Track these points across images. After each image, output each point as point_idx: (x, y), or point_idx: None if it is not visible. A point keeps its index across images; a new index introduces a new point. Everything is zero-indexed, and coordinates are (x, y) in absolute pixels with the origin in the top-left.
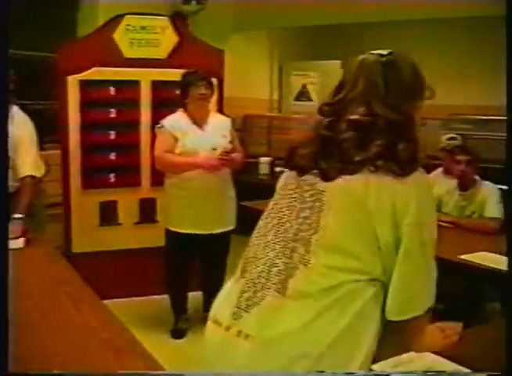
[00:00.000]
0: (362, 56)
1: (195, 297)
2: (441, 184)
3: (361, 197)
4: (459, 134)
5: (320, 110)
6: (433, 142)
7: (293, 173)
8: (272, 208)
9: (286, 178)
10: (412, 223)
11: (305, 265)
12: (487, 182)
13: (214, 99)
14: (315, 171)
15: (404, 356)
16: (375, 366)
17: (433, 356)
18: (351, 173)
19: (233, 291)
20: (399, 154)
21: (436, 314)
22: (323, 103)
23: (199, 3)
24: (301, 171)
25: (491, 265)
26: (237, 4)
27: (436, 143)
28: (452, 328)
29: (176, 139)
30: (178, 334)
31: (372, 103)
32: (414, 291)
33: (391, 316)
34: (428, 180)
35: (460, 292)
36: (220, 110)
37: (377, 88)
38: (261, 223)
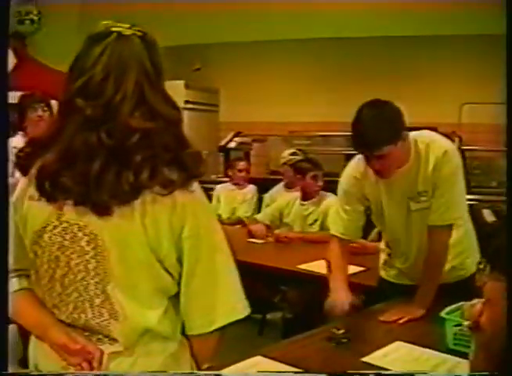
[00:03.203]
0: None
1: None
2: (282, 197)
3: (138, 230)
4: (300, 149)
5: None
6: (275, 157)
7: (50, 207)
8: (45, 257)
9: (41, 212)
10: (191, 236)
11: (116, 319)
12: (329, 194)
13: None
14: (82, 204)
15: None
16: (366, 359)
17: (408, 344)
18: (126, 202)
19: None
20: (182, 164)
21: (287, 323)
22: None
23: (33, 23)
24: (63, 203)
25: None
26: (81, 24)
27: (278, 159)
28: None
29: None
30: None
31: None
32: (203, 306)
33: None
34: (202, 192)
35: (305, 301)
36: None
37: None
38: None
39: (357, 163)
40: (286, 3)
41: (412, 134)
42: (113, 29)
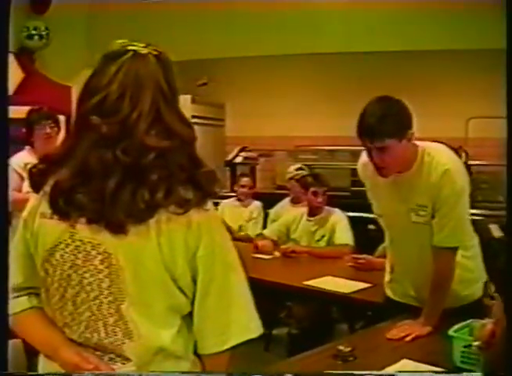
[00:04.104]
0: None
1: None
2: (288, 212)
3: (153, 249)
4: (306, 164)
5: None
6: (281, 172)
7: (63, 225)
8: (59, 276)
9: (53, 230)
10: (206, 255)
11: (130, 338)
12: (335, 209)
13: (61, 136)
14: (96, 222)
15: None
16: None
17: (415, 363)
18: (141, 220)
19: None
20: (197, 183)
21: (292, 339)
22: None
23: (42, 38)
24: (76, 221)
25: (334, 289)
26: (89, 40)
27: (284, 173)
28: None
29: (22, 178)
30: None
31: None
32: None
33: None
34: (215, 211)
35: (311, 317)
36: None
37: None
38: (53, 289)
39: (361, 157)
40: (292, 18)
41: (423, 143)
42: (129, 47)
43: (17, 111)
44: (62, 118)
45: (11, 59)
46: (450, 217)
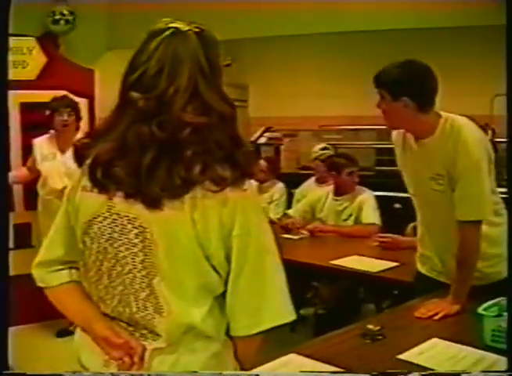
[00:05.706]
0: None
1: None
2: (313, 192)
3: (187, 224)
4: (331, 144)
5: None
6: (305, 152)
7: (102, 198)
8: (97, 249)
9: (93, 202)
10: (241, 235)
11: (160, 313)
12: (364, 188)
13: (85, 120)
14: (133, 197)
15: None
16: (402, 356)
17: (444, 342)
18: (177, 195)
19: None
20: (235, 162)
21: (319, 319)
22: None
23: (67, 23)
24: (114, 194)
25: (361, 269)
26: (110, 23)
27: (308, 153)
28: None
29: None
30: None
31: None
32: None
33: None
34: (254, 191)
35: (338, 297)
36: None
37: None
38: (89, 262)
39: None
40: None
41: (448, 115)
42: (171, 25)
43: (40, 95)
44: (83, 105)
45: (34, 43)
46: (468, 190)
